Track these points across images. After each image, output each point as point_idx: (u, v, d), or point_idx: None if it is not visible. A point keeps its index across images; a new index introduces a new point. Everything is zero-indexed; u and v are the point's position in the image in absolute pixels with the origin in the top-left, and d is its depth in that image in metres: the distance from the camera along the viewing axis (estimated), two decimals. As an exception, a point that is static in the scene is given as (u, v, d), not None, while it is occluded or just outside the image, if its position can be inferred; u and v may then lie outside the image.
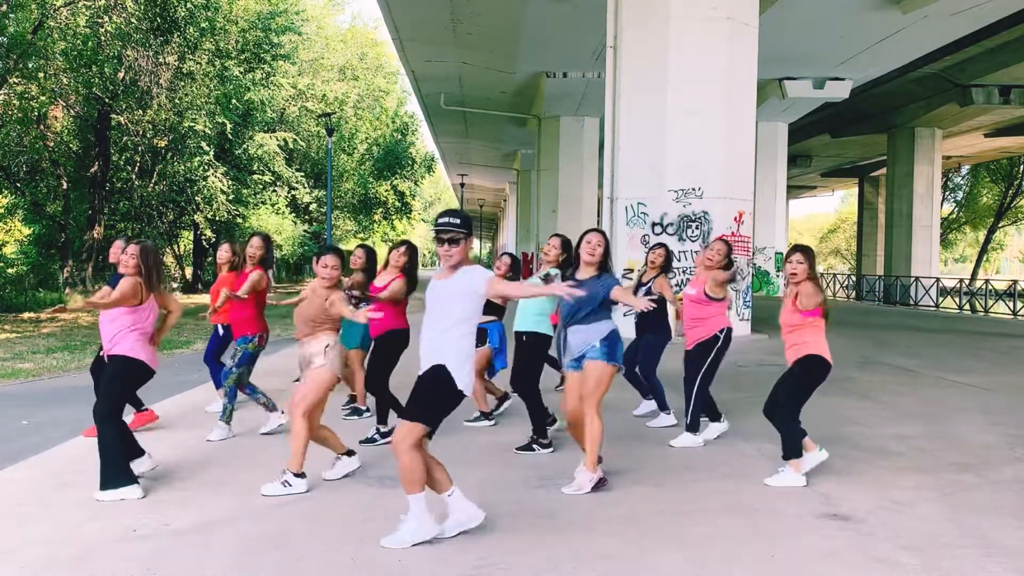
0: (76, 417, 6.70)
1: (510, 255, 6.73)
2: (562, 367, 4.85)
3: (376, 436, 5.72)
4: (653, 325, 6.22)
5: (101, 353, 5.25)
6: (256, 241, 6.11)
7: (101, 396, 4.58)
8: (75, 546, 3.68)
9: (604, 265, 4.61)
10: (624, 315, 8.77)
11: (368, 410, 6.73)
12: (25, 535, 3.82)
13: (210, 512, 4.16)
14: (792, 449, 4.72)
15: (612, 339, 4.53)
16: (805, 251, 4.72)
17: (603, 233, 4.70)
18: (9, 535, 3.83)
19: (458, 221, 3.70)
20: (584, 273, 4.62)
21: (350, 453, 4.91)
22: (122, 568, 3.43)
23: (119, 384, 4.60)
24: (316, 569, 3.44)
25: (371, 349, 5.94)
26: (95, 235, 24.11)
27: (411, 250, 6.03)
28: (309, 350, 4.73)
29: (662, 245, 6.44)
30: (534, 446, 5.45)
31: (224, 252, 6.90)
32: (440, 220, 3.72)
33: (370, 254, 6.57)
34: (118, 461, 4.42)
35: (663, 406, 6.34)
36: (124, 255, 4.80)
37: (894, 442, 5.77)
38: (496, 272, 6.15)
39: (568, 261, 5.40)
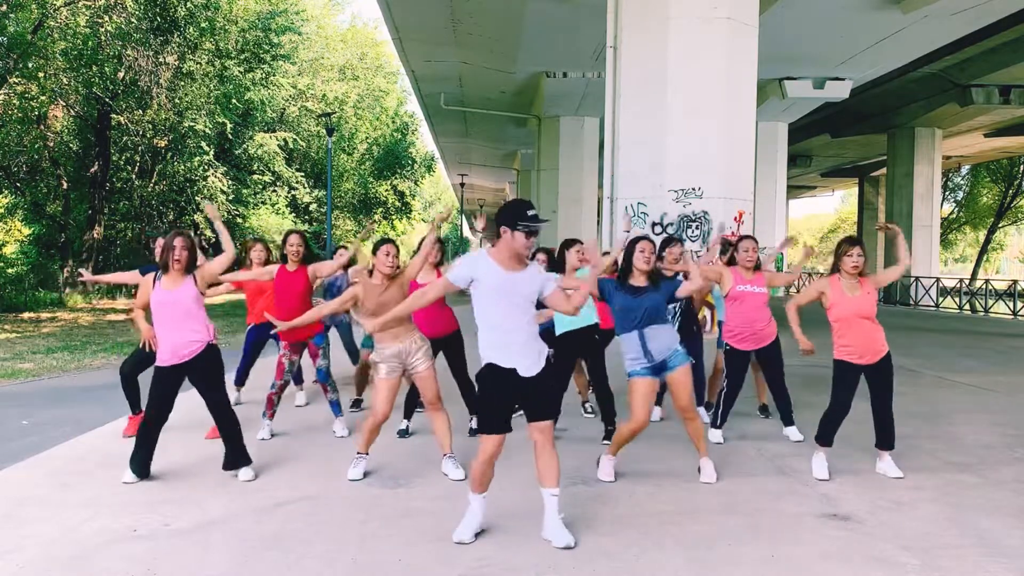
0: (76, 417, 6.71)
1: (546, 251, 6.48)
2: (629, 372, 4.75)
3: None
4: (689, 325, 6.34)
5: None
6: (295, 239, 5.87)
7: (221, 387, 4.90)
8: (75, 546, 3.68)
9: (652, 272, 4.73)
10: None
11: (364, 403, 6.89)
12: (25, 535, 3.82)
13: (210, 512, 4.16)
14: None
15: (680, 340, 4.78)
16: (863, 244, 4.89)
17: (652, 242, 4.76)
18: (9, 535, 3.83)
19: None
20: (639, 280, 4.66)
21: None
22: (122, 568, 3.43)
23: None
24: (316, 569, 3.44)
25: (450, 346, 5.86)
26: (95, 235, 24.12)
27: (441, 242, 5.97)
28: (403, 349, 4.74)
29: (677, 241, 6.14)
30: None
31: (260, 252, 6.94)
32: (531, 214, 3.62)
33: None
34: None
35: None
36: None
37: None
38: None
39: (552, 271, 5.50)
